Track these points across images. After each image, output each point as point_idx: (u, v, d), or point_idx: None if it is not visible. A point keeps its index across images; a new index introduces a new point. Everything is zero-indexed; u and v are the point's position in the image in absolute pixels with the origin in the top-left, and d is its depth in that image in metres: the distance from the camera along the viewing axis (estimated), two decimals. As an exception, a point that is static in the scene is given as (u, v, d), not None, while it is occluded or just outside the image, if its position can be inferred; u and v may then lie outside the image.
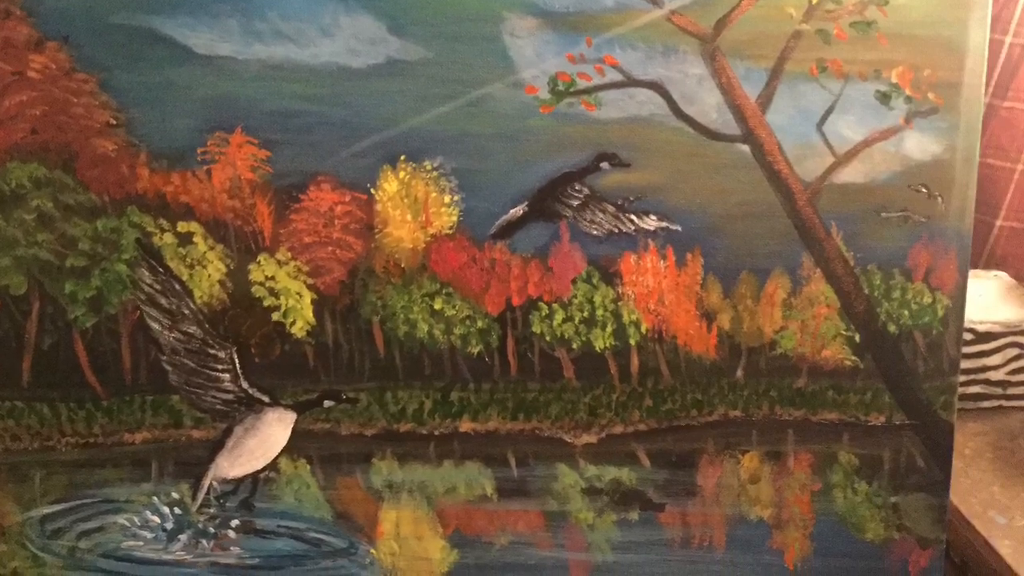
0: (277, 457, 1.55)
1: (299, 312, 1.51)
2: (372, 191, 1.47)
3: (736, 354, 1.55)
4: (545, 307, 1.52)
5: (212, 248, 1.49)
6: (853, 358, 1.54)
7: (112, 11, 1.40)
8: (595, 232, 1.49)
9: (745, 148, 1.47)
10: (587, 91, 1.44)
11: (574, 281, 1.51)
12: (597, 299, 1.51)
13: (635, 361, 1.54)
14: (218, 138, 1.45)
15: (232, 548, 1.58)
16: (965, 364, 1.75)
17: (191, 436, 1.54)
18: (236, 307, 1.51)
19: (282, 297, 1.50)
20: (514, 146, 1.46)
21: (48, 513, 1.56)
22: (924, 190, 1.49)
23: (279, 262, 1.49)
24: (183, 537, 1.57)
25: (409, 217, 1.48)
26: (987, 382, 1.95)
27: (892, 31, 1.44)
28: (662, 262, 1.50)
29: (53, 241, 1.47)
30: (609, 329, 1.52)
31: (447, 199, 1.47)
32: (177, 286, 1.49)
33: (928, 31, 1.44)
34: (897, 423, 1.56)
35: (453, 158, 1.46)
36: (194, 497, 1.56)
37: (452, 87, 1.44)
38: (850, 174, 1.49)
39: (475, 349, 1.53)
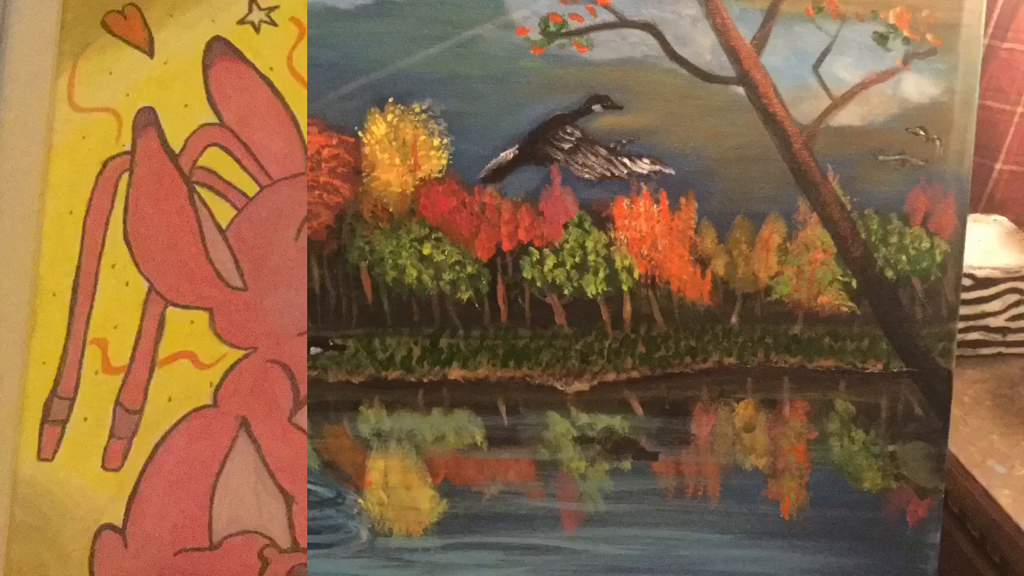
0: (263, 405, 1.54)
1: (285, 257, 1.49)
2: (360, 134, 1.45)
3: (731, 300, 1.53)
4: (536, 252, 1.50)
5: (197, 192, 1.48)
6: (850, 304, 1.52)
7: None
8: (587, 176, 1.47)
9: (740, 90, 1.45)
10: (579, 32, 1.43)
11: (565, 226, 1.49)
12: (589, 244, 1.49)
13: (628, 307, 1.52)
14: (203, 81, 1.44)
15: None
16: (964, 310, 1.74)
17: (176, 383, 1.53)
18: (221, 252, 1.49)
19: (268, 242, 1.49)
20: (505, 88, 1.44)
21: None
22: (922, 133, 1.47)
23: (265, 206, 1.48)
24: (168, 486, 1.57)
25: (397, 160, 1.46)
26: (986, 328, 1.93)
27: (889, -30, 1.42)
28: (655, 206, 1.48)
29: None
30: (601, 275, 1.50)
31: (436, 142, 1.45)
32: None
33: (926, -30, 1.42)
34: (895, 370, 1.54)
35: (442, 100, 1.44)
36: (179, 446, 1.56)
37: (441, 28, 1.42)
38: (847, 117, 1.47)
39: (465, 295, 1.51)
